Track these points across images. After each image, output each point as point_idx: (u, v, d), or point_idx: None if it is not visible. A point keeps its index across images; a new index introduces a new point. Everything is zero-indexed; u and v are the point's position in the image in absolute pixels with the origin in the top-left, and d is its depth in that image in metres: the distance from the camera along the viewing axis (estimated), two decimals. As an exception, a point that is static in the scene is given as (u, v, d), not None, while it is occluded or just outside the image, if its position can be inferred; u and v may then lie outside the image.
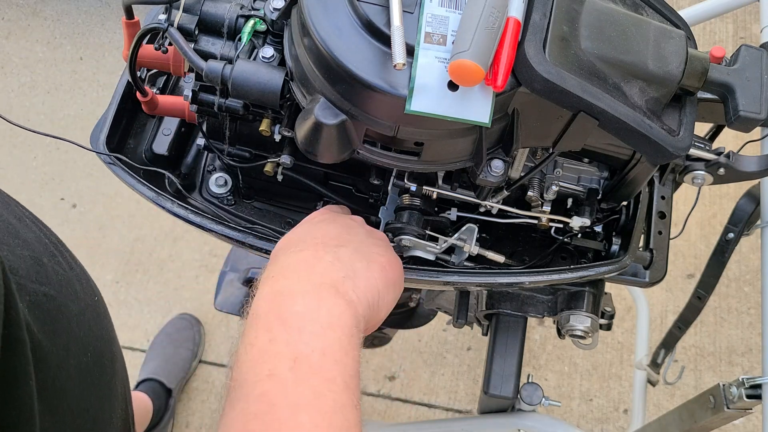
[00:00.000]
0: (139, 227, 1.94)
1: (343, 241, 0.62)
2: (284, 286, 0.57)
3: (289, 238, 0.65)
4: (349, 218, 0.68)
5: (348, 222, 0.67)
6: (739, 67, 0.63)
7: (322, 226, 0.65)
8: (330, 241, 0.62)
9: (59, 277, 0.60)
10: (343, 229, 0.65)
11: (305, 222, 0.67)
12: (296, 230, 0.66)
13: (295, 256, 0.60)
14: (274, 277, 0.58)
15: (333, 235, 0.63)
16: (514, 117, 0.62)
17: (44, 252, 0.61)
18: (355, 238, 0.64)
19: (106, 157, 0.74)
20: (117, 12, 2.27)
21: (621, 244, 0.79)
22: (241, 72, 0.63)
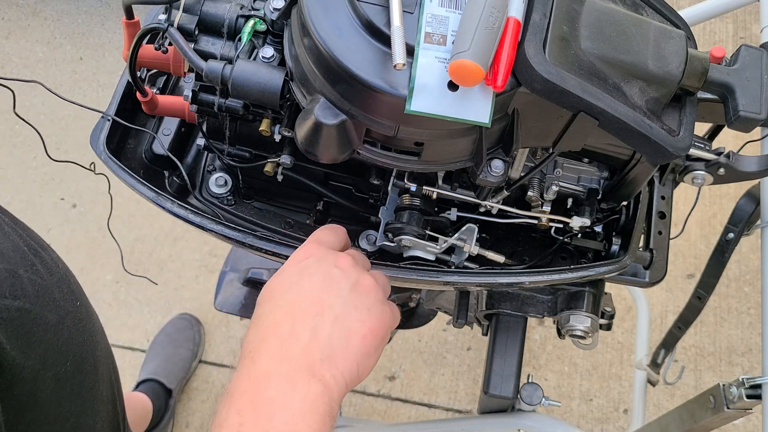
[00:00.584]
0: (139, 227, 1.94)
1: (323, 308, 0.59)
2: (260, 367, 0.56)
3: (273, 286, 0.63)
4: (335, 264, 0.63)
5: (332, 273, 0.62)
6: (739, 67, 0.63)
7: (305, 278, 0.62)
8: (309, 307, 0.59)
9: (36, 287, 0.59)
10: (325, 285, 0.61)
11: (291, 263, 0.64)
12: (281, 276, 0.63)
13: (273, 323, 0.59)
14: (251, 353, 0.57)
15: (314, 296, 0.60)
16: (514, 117, 0.62)
17: (21, 262, 0.60)
18: (336, 300, 0.60)
19: (105, 157, 0.74)
20: (117, 12, 2.27)
21: (621, 244, 0.79)
22: (241, 72, 0.63)
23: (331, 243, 0.67)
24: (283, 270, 0.64)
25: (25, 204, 1.94)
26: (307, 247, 0.66)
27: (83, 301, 0.69)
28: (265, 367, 0.56)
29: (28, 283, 0.58)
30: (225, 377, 1.78)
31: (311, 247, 0.66)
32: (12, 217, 0.67)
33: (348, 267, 0.64)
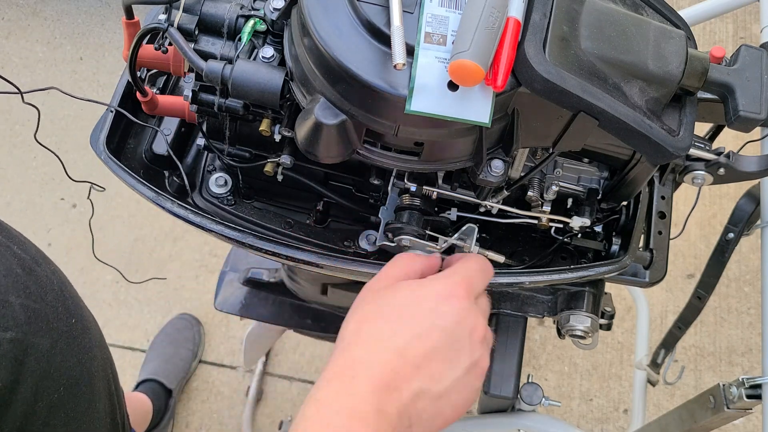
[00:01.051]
0: (139, 227, 1.94)
1: (435, 375, 0.55)
2: (340, 395, 0.53)
3: (401, 302, 0.57)
4: (470, 331, 0.57)
5: (462, 339, 0.57)
6: (739, 67, 0.63)
7: (435, 331, 0.56)
8: (422, 363, 0.54)
9: (28, 313, 0.58)
10: (450, 351, 0.56)
11: (433, 293, 0.58)
12: (412, 296, 0.57)
13: (377, 359, 0.54)
14: (336, 376, 0.54)
15: (434, 354, 0.55)
16: (514, 117, 0.62)
17: (13, 288, 0.58)
18: (450, 375, 0.55)
19: (105, 157, 0.74)
20: (117, 12, 2.27)
21: (621, 244, 0.79)
22: (241, 72, 0.63)
23: (478, 291, 0.62)
24: (417, 294, 0.59)
25: (25, 204, 1.94)
26: (457, 286, 0.59)
27: (79, 315, 0.67)
28: (349, 400, 0.53)
29: (20, 310, 0.57)
30: (225, 377, 1.78)
31: (460, 291, 0.59)
32: (6, 230, 0.65)
33: (478, 341, 0.59)
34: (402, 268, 0.64)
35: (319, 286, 1.04)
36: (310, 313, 1.19)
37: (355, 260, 0.73)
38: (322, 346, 1.80)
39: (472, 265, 0.63)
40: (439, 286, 0.59)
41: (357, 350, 0.56)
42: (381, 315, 0.58)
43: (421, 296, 0.59)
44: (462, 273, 0.62)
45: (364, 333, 0.58)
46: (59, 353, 0.61)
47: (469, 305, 0.59)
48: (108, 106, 0.77)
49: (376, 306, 0.59)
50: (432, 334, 0.56)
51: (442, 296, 0.59)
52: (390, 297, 0.60)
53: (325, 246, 0.81)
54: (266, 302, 1.20)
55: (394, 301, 0.59)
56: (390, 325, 0.57)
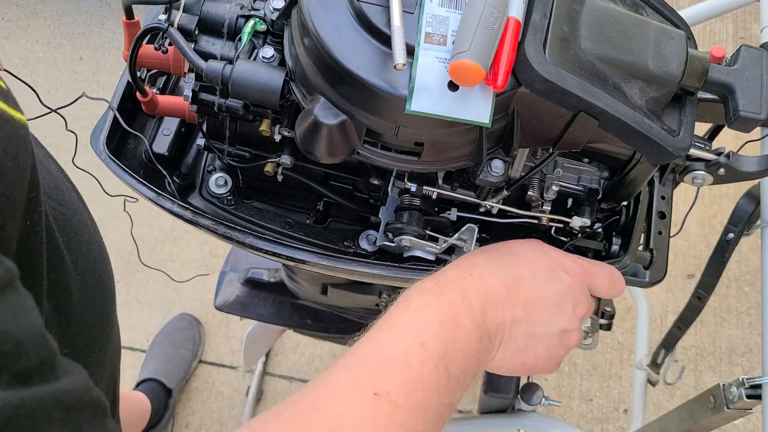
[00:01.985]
0: (139, 227, 1.94)
1: (529, 315, 0.62)
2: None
3: (506, 249, 0.65)
4: (574, 303, 0.65)
5: (567, 304, 0.65)
6: (739, 67, 0.63)
7: (529, 269, 0.64)
8: (519, 301, 0.62)
9: (74, 205, 0.65)
10: (549, 298, 0.63)
11: (539, 245, 0.67)
12: (521, 248, 0.66)
13: (483, 288, 0.60)
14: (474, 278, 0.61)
15: (532, 296, 0.63)
16: (514, 117, 0.62)
17: (63, 182, 0.66)
18: (546, 324, 0.63)
19: (105, 157, 0.74)
20: (117, 12, 2.27)
21: (621, 244, 0.79)
22: (241, 72, 0.63)
23: (595, 290, 0.69)
24: (549, 253, 0.66)
25: (25, 204, 1.94)
26: (583, 269, 0.67)
27: (103, 243, 0.73)
28: (464, 291, 0.59)
29: (68, 198, 0.64)
30: (225, 377, 1.78)
31: (581, 272, 0.66)
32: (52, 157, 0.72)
33: (578, 316, 0.66)
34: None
35: (319, 286, 1.04)
36: (310, 313, 1.19)
37: (355, 260, 0.73)
38: (322, 346, 1.80)
39: (606, 271, 0.69)
40: (569, 260, 0.66)
41: (481, 260, 0.63)
42: (511, 252, 0.65)
43: (550, 255, 0.66)
44: (596, 268, 0.68)
45: (494, 254, 0.65)
46: (94, 249, 0.67)
47: (582, 288, 0.66)
48: (109, 105, 0.77)
49: (511, 246, 0.66)
50: (546, 286, 0.64)
51: (567, 266, 0.66)
52: (525, 245, 0.67)
53: (325, 246, 0.81)
54: (266, 302, 1.20)
55: (527, 248, 0.66)
56: (515, 259, 0.64)
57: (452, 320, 0.56)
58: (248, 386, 1.74)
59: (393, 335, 0.55)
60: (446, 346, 0.55)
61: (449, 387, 0.54)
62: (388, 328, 0.56)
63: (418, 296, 0.58)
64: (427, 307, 0.57)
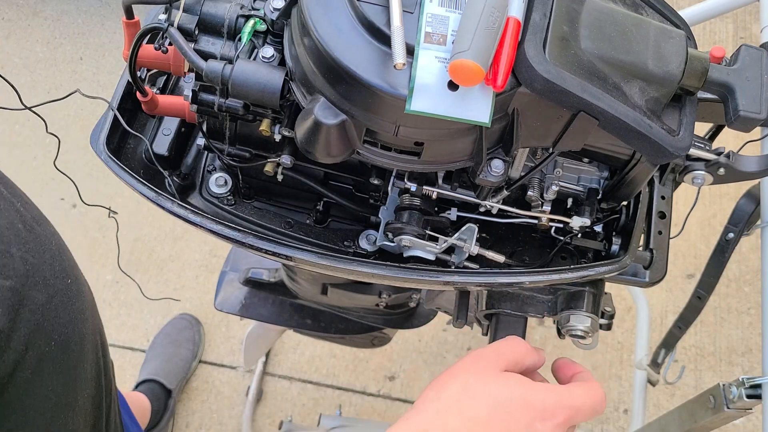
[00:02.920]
0: (139, 227, 1.94)
1: None
2: None
3: (463, 385, 0.57)
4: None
5: None
6: (739, 67, 0.63)
7: (501, 427, 0.55)
8: None
9: (27, 266, 0.60)
10: None
11: (514, 384, 0.57)
12: (485, 381, 0.57)
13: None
14: None
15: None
16: (514, 117, 0.62)
17: (15, 240, 0.60)
18: None
19: (105, 156, 0.74)
20: (117, 12, 2.27)
21: (621, 244, 0.79)
22: (241, 72, 0.63)
23: (576, 424, 0.60)
24: (527, 399, 0.57)
25: (25, 204, 1.94)
26: (564, 411, 0.58)
27: (75, 276, 0.69)
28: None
29: (19, 262, 0.59)
30: (225, 377, 1.78)
31: (562, 418, 0.58)
32: (11, 186, 0.67)
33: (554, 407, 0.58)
34: (516, 355, 0.62)
35: (319, 286, 1.04)
36: (310, 313, 1.19)
37: (355, 260, 0.73)
38: (322, 346, 1.80)
39: (588, 401, 0.61)
40: (549, 402, 0.58)
41: (451, 420, 0.56)
42: (485, 398, 0.57)
43: (528, 404, 0.57)
44: (578, 402, 0.60)
45: (465, 407, 0.56)
46: (53, 309, 0.63)
47: (534, 411, 0.57)
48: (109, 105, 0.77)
49: (486, 387, 0.58)
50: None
51: (546, 415, 0.57)
52: (501, 386, 0.58)
53: (325, 246, 0.81)
54: (266, 302, 1.20)
55: (503, 394, 0.57)
56: (488, 412, 0.56)
57: None
58: (248, 386, 1.74)
59: None
60: None
61: None
62: None
63: None
64: None
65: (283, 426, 1.59)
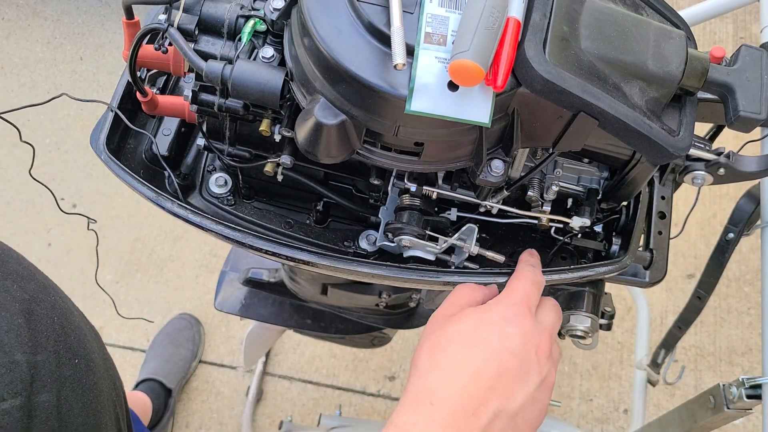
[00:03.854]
0: (139, 227, 1.94)
1: (509, 395, 0.58)
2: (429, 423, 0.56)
3: (467, 331, 0.60)
4: (536, 349, 0.61)
5: (530, 359, 0.60)
6: (739, 67, 0.63)
7: (505, 354, 0.59)
8: (498, 386, 0.58)
9: (32, 370, 0.59)
10: (520, 371, 0.60)
11: (495, 319, 0.61)
12: (480, 328, 0.61)
13: (456, 389, 0.57)
14: (430, 403, 0.57)
15: (506, 377, 0.58)
16: (514, 117, 0.62)
17: (17, 344, 0.59)
18: (523, 392, 0.59)
19: (106, 157, 0.74)
20: (117, 12, 2.27)
21: (621, 244, 0.79)
22: (241, 72, 0.63)
23: (535, 304, 0.66)
24: (483, 319, 0.62)
25: (25, 204, 1.94)
26: (518, 306, 0.63)
27: (82, 352, 0.67)
28: (429, 426, 0.56)
29: (25, 369, 0.58)
30: (225, 377, 1.78)
31: (521, 310, 0.63)
32: (3, 263, 0.65)
33: (545, 358, 0.63)
34: (465, 297, 0.67)
35: (319, 286, 1.04)
36: (310, 313, 1.19)
37: (355, 260, 0.73)
38: (322, 346, 1.80)
39: (526, 283, 0.66)
40: (502, 309, 0.63)
41: (433, 377, 0.59)
42: (452, 342, 0.61)
43: (487, 321, 0.62)
44: (520, 292, 0.65)
45: (438, 360, 0.60)
46: (65, 403, 0.62)
47: (532, 323, 0.63)
48: (108, 106, 0.77)
49: (446, 333, 0.62)
50: (502, 356, 0.60)
51: (507, 319, 0.62)
52: (458, 324, 0.63)
53: (325, 246, 0.81)
54: (266, 302, 1.20)
55: (463, 328, 0.62)
56: (462, 351, 0.60)
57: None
58: (248, 386, 1.74)
59: None
60: None
61: None
62: None
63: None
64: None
65: (283, 426, 1.59)
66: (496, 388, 0.59)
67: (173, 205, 0.73)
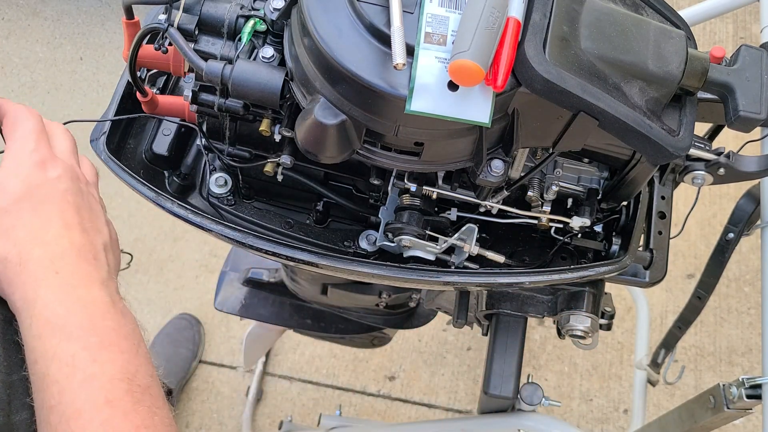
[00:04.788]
0: (139, 227, 1.94)
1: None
2: None
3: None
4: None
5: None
6: (739, 67, 0.63)
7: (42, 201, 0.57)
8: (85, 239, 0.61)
9: (9, 390, 0.58)
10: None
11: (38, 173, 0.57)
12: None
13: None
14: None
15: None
16: (514, 117, 0.62)
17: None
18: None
19: (106, 156, 0.74)
20: (117, 12, 2.27)
21: (621, 244, 0.79)
22: (241, 72, 0.63)
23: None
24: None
25: (25, 204, 1.94)
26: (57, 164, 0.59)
27: None
28: None
29: (0, 387, 0.57)
30: (225, 377, 1.78)
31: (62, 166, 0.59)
32: None
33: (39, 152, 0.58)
34: None
35: (319, 286, 1.04)
36: (310, 313, 1.19)
37: (355, 260, 0.73)
38: (322, 346, 1.80)
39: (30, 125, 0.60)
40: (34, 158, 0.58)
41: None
42: None
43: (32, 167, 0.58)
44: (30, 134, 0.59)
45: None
46: None
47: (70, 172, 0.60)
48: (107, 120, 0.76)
49: None
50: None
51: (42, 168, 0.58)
52: None
53: (325, 246, 0.81)
54: (266, 302, 1.20)
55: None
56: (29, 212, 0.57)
57: None
58: (248, 386, 1.74)
59: None
60: None
61: None
62: None
63: None
64: None
65: (283, 426, 1.59)
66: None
67: (173, 205, 0.73)
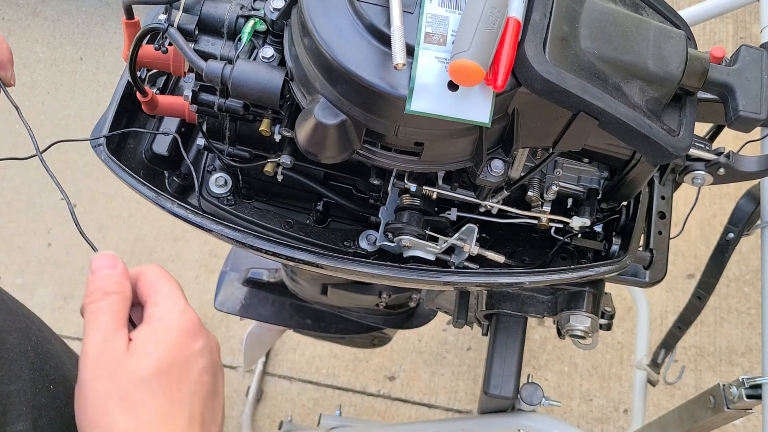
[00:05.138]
0: (139, 227, 1.94)
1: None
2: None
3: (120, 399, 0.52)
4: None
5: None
6: (739, 67, 0.63)
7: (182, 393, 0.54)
8: None
9: (3, 400, 0.57)
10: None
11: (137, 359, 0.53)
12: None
13: None
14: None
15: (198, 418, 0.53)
16: (514, 117, 0.62)
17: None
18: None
19: (106, 157, 0.74)
20: (117, 12, 2.27)
21: (621, 244, 0.79)
22: (241, 72, 0.63)
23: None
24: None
25: (25, 204, 1.94)
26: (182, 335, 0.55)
27: (59, 375, 0.64)
28: None
29: None
30: (225, 377, 1.78)
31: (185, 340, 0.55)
32: None
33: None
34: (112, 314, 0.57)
35: (319, 286, 1.04)
36: (310, 313, 1.19)
37: (355, 260, 0.73)
38: (322, 346, 1.80)
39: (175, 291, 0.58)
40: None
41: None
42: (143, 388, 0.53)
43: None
44: (174, 315, 0.57)
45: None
46: (42, 431, 0.60)
47: (193, 351, 0.56)
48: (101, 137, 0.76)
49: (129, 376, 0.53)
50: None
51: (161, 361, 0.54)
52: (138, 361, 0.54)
53: (325, 246, 0.81)
54: (266, 302, 1.20)
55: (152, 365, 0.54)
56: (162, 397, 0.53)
57: None
58: (248, 386, 1.74)
59: None
60: None
61: None
62: None
63: None
64: None
65: (283, 426, 1.59)
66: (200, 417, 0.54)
67: (173, 205, 0.73)
